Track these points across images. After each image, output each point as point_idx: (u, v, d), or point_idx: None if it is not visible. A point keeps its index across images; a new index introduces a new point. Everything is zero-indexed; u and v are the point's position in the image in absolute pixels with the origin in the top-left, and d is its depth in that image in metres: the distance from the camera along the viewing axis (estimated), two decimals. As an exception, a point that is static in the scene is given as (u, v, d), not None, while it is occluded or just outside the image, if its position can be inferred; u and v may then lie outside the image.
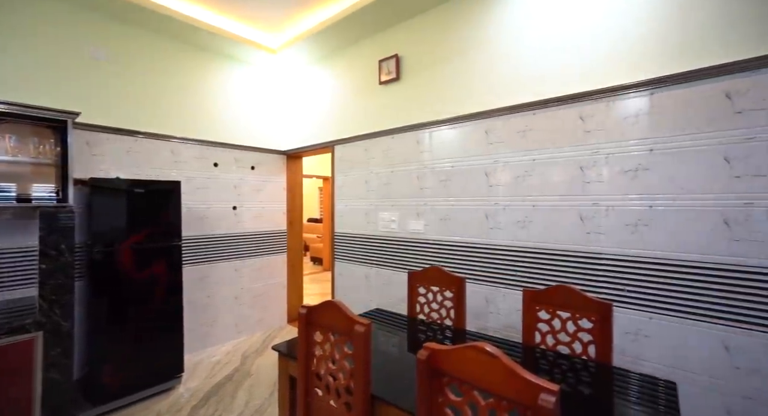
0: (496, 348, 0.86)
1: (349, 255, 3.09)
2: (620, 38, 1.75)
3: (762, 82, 1.41)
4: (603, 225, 1.79)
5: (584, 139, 1.86)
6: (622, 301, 1.72)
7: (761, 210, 1.41)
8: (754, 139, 1.42)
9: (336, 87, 3.22)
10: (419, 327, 1.85)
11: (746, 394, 1.43)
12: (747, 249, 1.44)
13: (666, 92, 1.62)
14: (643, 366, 1.65)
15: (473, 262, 2.27)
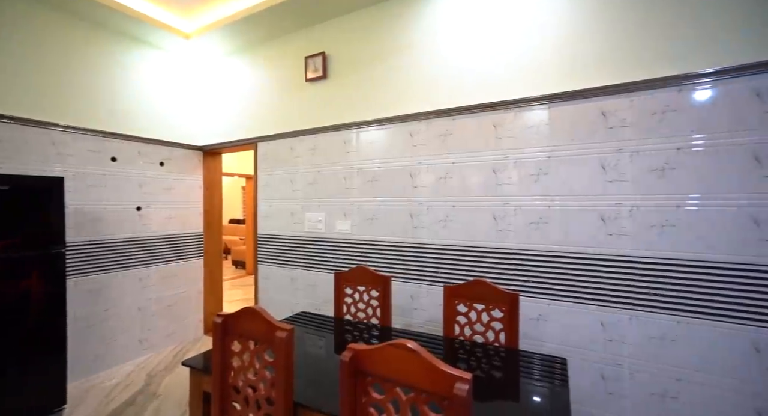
0: (417, 344, 0.90)
1: (273, 257, 2.95)
2: (528, 57, 1.95)
3: (627, 104, 1.70)
4: (512, 223, 1.99)
5: (497, 144, 2.04)
6: (527, 290, 1.93)
7: (627, 209, 1.70)
8: (621, 150, 1.71)
9: (259, 81, 3.05)
10: (346, 328, 1.85)
11: (616, 361, 1.72)
12: (616, 241, 1.72)
13: (560, 107, 1.86)
14: (543, 347, 1.87)
15: (398, 260, 2.34)
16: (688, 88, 1.60)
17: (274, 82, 2.96)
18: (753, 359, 1.48)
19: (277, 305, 2.89)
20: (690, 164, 1.59)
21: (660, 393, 1.63)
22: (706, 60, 1.56)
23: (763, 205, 1.46)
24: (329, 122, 2.65)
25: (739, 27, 1.51)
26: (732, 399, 1.51)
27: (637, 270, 1.69)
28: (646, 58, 1.67)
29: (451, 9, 2.18)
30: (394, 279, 2.22)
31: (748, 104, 1.49)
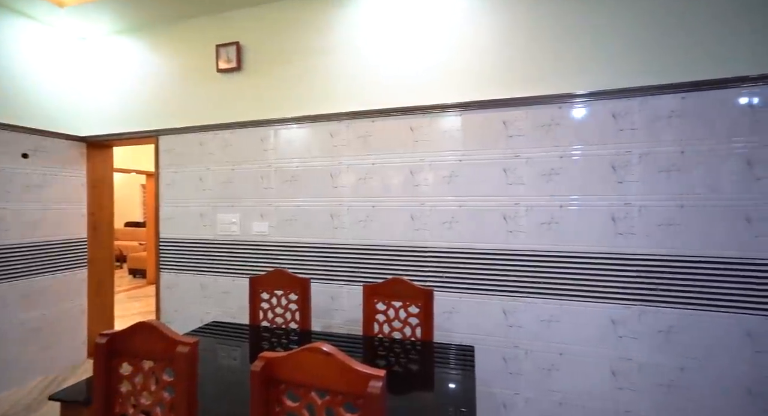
0: (332, 346, 0.89)
1: (180, 264, 2.65)
2: (444, 66, 2.07)
3: (523, 115, 1.94)
4: (428, 222, 2.10)
5: (414, 147, 2.14)
6: (441, 286, 2.06)
7: (523, 208, 1.93)
8: (518, 156, 1.94)
9: (162, 67, 2.72)
10: (263, 335, 1.75)
11: (515, 344, 1.94)
12: (517, 238, 1.95)
13: (470, 115, 2.03)
14: (455, 338, 2.02)
15: (319, 262, 2.31)
16: (567, 105, 1.87)
17: (179, 69, 2.67)
18: (609, 330, 1.80)
19: (184, 317, 2.61)
20: (570, 170, 1.87)
21: (547, 368, 1.89)
22: (582, 83, 1.85)
23: (617, 205, 1.79)
24: (245, 117, 2.48)
25: (608, 57, 1.82)
26: (596, 364, 1.82)
27: (530, 262, 1.93)
28: (536, 77, 1.92)
29: (374, 12, 2.22)
30: (314, 281, 2.18)
31: (607, 123, 1.81)
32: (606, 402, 1.81)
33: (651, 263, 1.75)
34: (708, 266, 1.68)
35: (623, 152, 1.79)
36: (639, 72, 1.77)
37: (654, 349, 1.75)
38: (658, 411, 1.74)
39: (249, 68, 2.49)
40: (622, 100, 1.79)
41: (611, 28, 1.81)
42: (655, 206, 1.75)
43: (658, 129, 1.75)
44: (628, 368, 1.78)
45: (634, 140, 1.77)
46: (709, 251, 1.68)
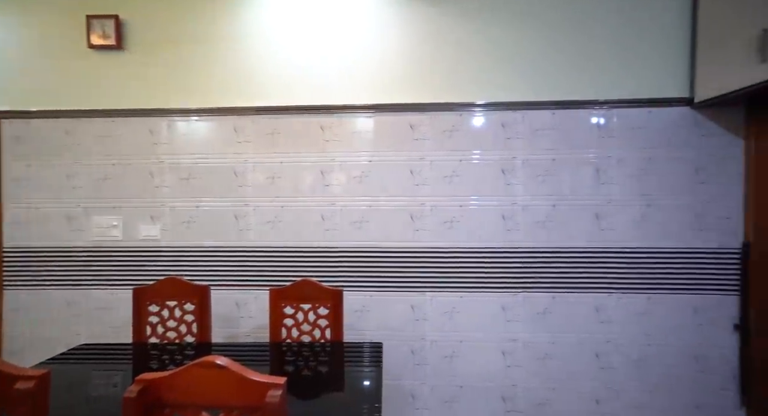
0: (227, 358, 0.82)
1: (35, 279, 2.17)
2: (357, 67, 2.06)
3: (428, 120, 2.06)
4: (338, 223, 2.10)
5: (324, 147, 2.11)
6: (352, 285, 2.08)
7: (428, 208, 2.07)
8: (424, 159, 2.07)
9: (6, 34, 2.18)
10: (151, 353, 1.54)
11: (420, 337, 2.07)
12: (423, 236, 2.07)
13: (381, 117, 2.08)
14: (366, 336, 2.06)
15: (222, 267, 2.12)
16: (466, 113, 2.06)
17: (34, 40, 2.18)
18: (500, 316, 2.04)
19: (42, 343, 2.14)
20: (468, 173, 2.06)
21: (449, 355, 2.06)
22: (479, 94, 2.04)
23: (506, 204, 2.03)
24: (129, 104, 2.15)
25: (500, 72, 2.04)
26: (490, 347, 2.04)
27: (434, 259, 2.06)
28: (440, 85, 2.06)
29: (287, 4, 2.11)
30: (216, 288, 2.00)
31: (498, 131, 2.04)
32: (498, 379, 2.05)
33: (531, 254, 2.03)
34: (571, 255, 2.01)
35: (510, 158, 2.04)
36: (523, 88, 2.02)
37: (533, 329, 2.03)
38: (537, 380, 2.03)
39: (134, 48, 2.16)
40: (510, 112, 2.04)
41: (504, 46, 2.03)
42: (534, 206, 2.03)
43: (536, 139, 2.03)
44: (515, 347, 2.04)
45: (519, 148, 2.03)
46: (572, 242, 2.01)
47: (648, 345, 1.99)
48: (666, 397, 1.99)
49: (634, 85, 1.98)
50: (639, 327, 1.99)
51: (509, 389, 2.04)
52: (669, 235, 1.98)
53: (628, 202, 1.99)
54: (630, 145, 1.99)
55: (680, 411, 1.99)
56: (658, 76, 1.98)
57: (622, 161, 2.00)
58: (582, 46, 2.01)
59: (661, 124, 1.98)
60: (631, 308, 2.00)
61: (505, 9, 2.02)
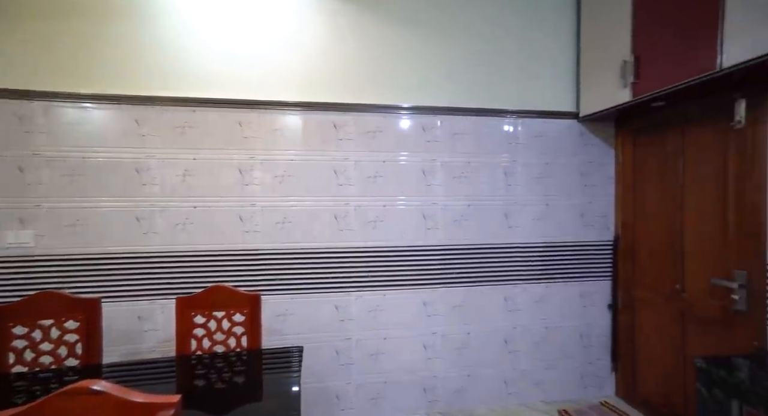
0: (107, 382, 0.72)
1: None
2: (282, 63, 1.99)
3: (352, 121, 2.07)
4: (259, 224, 1.99)
5: (243, 144, 1.98)
6: (273, 289, 1.99)
7: (352, 208, 2.07)
8: (348, 159, 2.07)
9: None
10: (15, 385, 1.28)
11: (346, 336, 2.07)
12: (347, 236, 2.07)
13: (303, 115, 2.03)
14: (289, 340, 1.99)
15: (118, 276, 1.87)
16: (390, 116, 2.11)
17: None
18: (421, 311, 2.14)
19: None
20: (392, 173, 2.11)
21: (374, 353, 2.09)
22: (402, 97, 2.10)
23: (427, 204, 2.13)
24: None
25: (421, 78, 2.13)
26: (412, 342, 2.13)
27: (360, 258, 2.08)
28: (363, 85, 2.08)
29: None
30: (112, 300, 1.76)
31: (419, 134, 2.13)
32: (420, 372, 2.14)
33: (449, 251, 2.16)
34: (484, 251, 2.19)
35: (430, 160, 2.15)
36: (443, 95, 2.14)
37: (451, 321, 2.16)
38: (455, 369, 2.17)
39: None
40: (430, 117, 2.14)
41: (425, 53, 2.12)
42: (452, 206, 2.16)
43: (454, 143, 2.17)
44: (434, 340, 2.15)
45: (438, 151, 2.15)
46: (485, 239, 2.19)
47: (546, 328, 2.26)
48: (560, 372, 2.28)
49: (535, 99, 2.23)
50: (539, 313, 2.25)
51: (430, 380, 2.15)
52: (562, 231, 2.27)
53: (531, 202, 2.24)
54: (532, 151, 2.24)
55: (569, 381, 2.30)
56: (553, 92, 2.26)
57: (526, 165, 2.24)
58: (496, 61, 2.20)
59: (556, 134, 2.26)
60: (532, 297, 2.25)
61: (427, 19, 2.12)
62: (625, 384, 2.27)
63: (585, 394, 2.31)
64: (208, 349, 1.53)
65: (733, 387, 1.20)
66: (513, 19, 2.21)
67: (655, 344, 2.06)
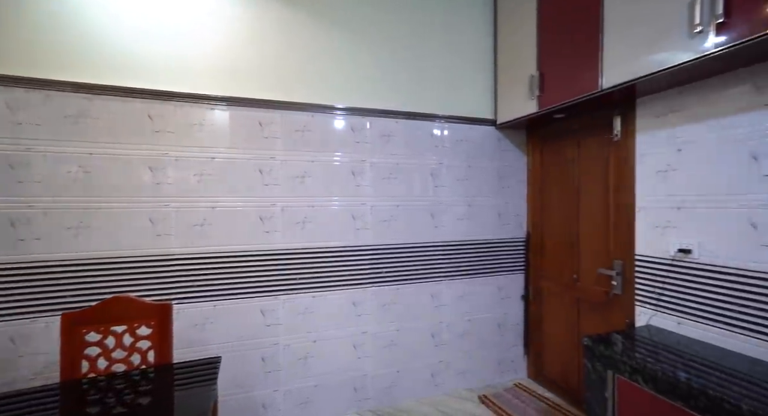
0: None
1: None
2: (197, 51, 1.83)
3: (280, 118, 1.99)
4: (173, 226, 1.82)
5: (154, 139, 1.80)
6: (189, 296, 1.83)
7: (279, 208, 2.00)
8: (274, 158, 1.99)
9: None
10: None
11: (273, 342, 1.99)
12: (274, 237, 1.99)
13: (224, 110, 1.90)
14: (210, 350, 1.85)
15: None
16: (318, 115, 2.07)
17: None
18: (351, 311, 2.15)
19: None
20: (320, 173, 2.08)
21: (303, 357, 2.04)
22: (330, 97, 2.08)
23: (356, 205, 2.14)
24: None
25: (348, 79, 2.13)
26: (343, 343, 2.12)
27: (287, 260, 2.01)
28: (291, 83, 2.02)
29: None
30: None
31: (348, 134, 2.13)
32: (350, 372, 2.14)
33: (379, 251, 2.20)
34: (412, 250, 2.27)
35: (359, 161, 2.16)
36: (372, 96, 2.17)
37: (380, 320, 2.21)
38: (384, 366, 2.22)
39: None
40: (359, 118, 2.15)
41: (356, 54, 2.13)
42: (381, 206, 2.21)
43: (383, 144, 2.21)
44: (364, 340, 2.17)
45: (367, 152, 2.17)
46: (413, 238, 2.27)
47: (468, 321, 2.42)
48: (480, 360, 2.46)
49: (459, 106, 2.37)
50: (462, 307, 2.40)
51: (360, 379, 2.17)
52: (482, 230, 2.45)
53: (455, 202, 2.38)
54: (456, 154, 2.38)
55: (489, 368, 2.49)
56: (474, 100, 2.42)
57: (451, 167, 2.37)
58: (422, 69, 2.29)
59: (477, 139, 2.43)
60: (456, 292, 2.39)
61: (358, 24, 2.13)
62: (534, 366, 2.53)
63: (502, 378, 2.52)
64: (105, 370, 1.35)
65: (609, 359, 1.41)
66: (439, 29, 2.32)
67: (557, 328, 2.33)
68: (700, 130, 1.51)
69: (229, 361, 1.89)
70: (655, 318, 1.69)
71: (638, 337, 1.57)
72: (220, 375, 1.84)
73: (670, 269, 1.62)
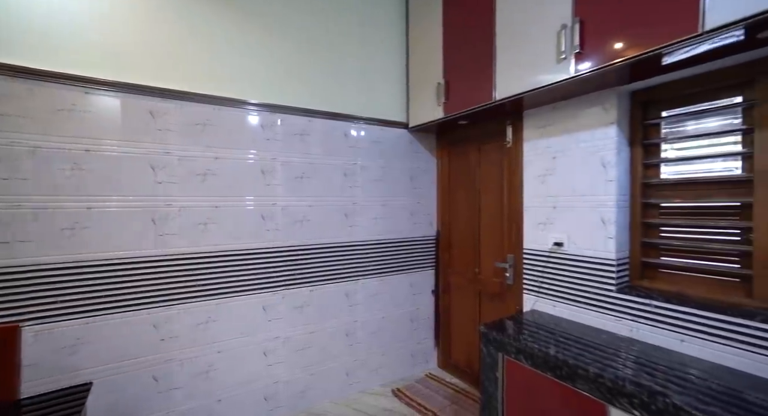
0: None
1: None
2: (77, 29, 1.54)
3: (176, 109, 1.80)
4: (32, 231, 1.52)
5: (2, 124, 1.47)
6: (52, 315, 1.54)
7: (176, 209, 1.81)
8: (170, 153, 1.79)
9: None
10: None
11: (166, 358, 1.79)
12: (169, 241, 1.79)
13: (104, 96, 1.64)
14: (81, 376, 1.58)
15: None
16: (224, 109, 1.92)
17: None
18: (261, 317, 2.04)
19: None
20: (226, 171, 1.93)
21: (205, 371, 1.87)
22: (237, 91, 1.95)
23: (266, 205, 2.04)
24: None
25: (262, 72, 2.02)
26: (251, 351, 2.01)
27: (183, 266, 1.83)
28: (193, 73, 1.83)
29: None
30: None
31: (258, 131, 2.03)
32: (261, 381, 2.03)
33: (291, 252, 2.13)
34: (326, 250, 2.25)
35: (270, 159, 2.06)
36: (285, 93, 2.09)
37: (294, 323, 2.14)
38: (298, 371, 2.15)
39: None
40: (269, 114, 2.05)
41: (268, 51, 2.02)
42: (293, 206, 2.14)
43: (295, 143, 2.14)
44: (276, 345, 2.08)
45: (278, 150, 2.09)
46: (327, 239, 2.25)
47: (382, 318, 2.49)
48: (394, 355, 2.55)
49: (374, 108, 2.42)
50: (376, 305, 2.46)
51: (272, 387, 2.07)
52: (396, 229, 2.54)
53: (369, 203, 2.42)
54: (371, 155, 2.42)
55: (402, 362, 2.59)
56: (389, 103, 2.50)
57: (365, 167, 2.40)
58: (338, 70, 2.27)
59: (391, 141, 2.51)
60: (370, 291, 2.43)
61: (271, 18, 2.03)
62: (443, 355, 2.71)
63: (414, 370, 2.65)
64: None
65: (499, 343, 1.58)
66: (356, 33, 2.34)
67: (463, 318, 2.53)
68: (568, 142, 1.78)
69: (109, 386, 1.64)
70: (537, 303, 1.94)
71: (524, 321, 1.78)
72: (97, 402, 1.59)
73: (548, 260, 1.88)
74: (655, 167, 1.60)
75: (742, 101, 1.34)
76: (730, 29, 1.06)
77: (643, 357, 1.34)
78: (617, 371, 1.22)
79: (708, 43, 1.14)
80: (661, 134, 1.58)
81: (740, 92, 1.34)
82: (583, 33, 1.41)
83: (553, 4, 1.52)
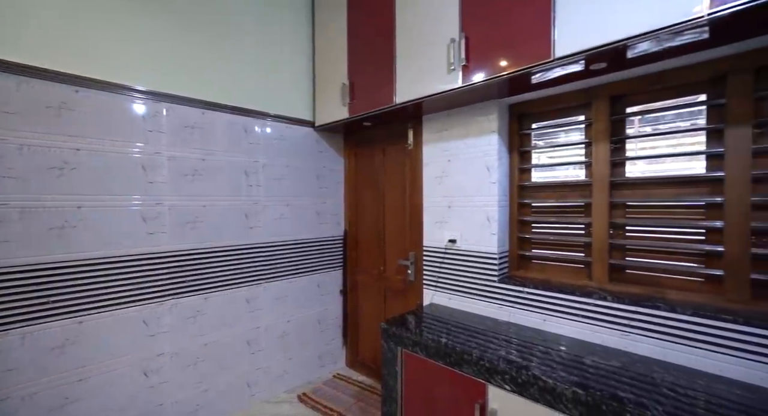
0: None
1: None
2: None
3: (21, 88, 1.46)
4: None
5: None
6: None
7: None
8: (6, 141, 1.44)
9: None
10: None
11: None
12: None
13: None
14: None
15: None
16: (92, 92, 1.62)
17: None
18: (141, 333, 1.78)
19: None
20: (94, 166, 1.63)
21: (60, 405, 1.56)
22: (116, 73, 1.67)
23: (148, 204, 1.79)
24: None
25: (159, 60, 1.75)
26: (126, 373, 1.74)
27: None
28: (44, 43, 1.51)
29: None
30: None
31: (136, 121, 1.76)
32: (138, 408, 1.77)
33: (180, 258, 1.91)
34: (222, 254, 2.07)
35: (152, 153, 1.81)
36: (173, 81, 1.85)
37: (182, 337, 1.92)
38: (189, 389, 1.94)
39: None
40: (153, 102, 1.81)
41: (155, 33, 1.77)
42: (183, 206, 1.91)
43: (185, 136, 1.92)
44: (161, 363, 1.84)
45: (163, 143, 1.84)
46: (223, 241, 2.08)
47: (288, 321, 2.40)
48: (301, 359, 2.48)
49: (277, 104, 2.31)
50: (281, 308, 2.36)
51: (153, 412, 1.82)
52: (302, 229, 2.47)
53: (272, 202, 2.31)
54: (273, 153, 2.31)
55: (310, 365, 2.54)
56: (294, 100, 2.41)
57: (268, 166, 2.28)
58: (239, 62, 2.11)
59: (295, 139, 2.43)
60: (275, 294, 2.32)
61: None
62: (351, 354, 2.73)
63: (322, 372, 2.61)
64: None
65: (398, 337, 1.65)
66: (258, 26, 2.21)
67: (369, 316, 2.59)
68: (460, 146, 1.95)
69: None
70: (435, 297, 2.08)
71: (423, 315, 1.89)
72: None
73: (444, 256, 2.03)
74: (528, 172, 1.85)
75: (584, 120, 1.63)
76: (575, 58, 1.27)
77: (516, 338, 1.53)
78: (495, 352, 1.37)
79: (560, 68, 1.35)
80: (532, 143, 1.83)
81: (583, 112, 1.63)
82: (468, 48, 1.55)
83: (445, 19, 1.64)
